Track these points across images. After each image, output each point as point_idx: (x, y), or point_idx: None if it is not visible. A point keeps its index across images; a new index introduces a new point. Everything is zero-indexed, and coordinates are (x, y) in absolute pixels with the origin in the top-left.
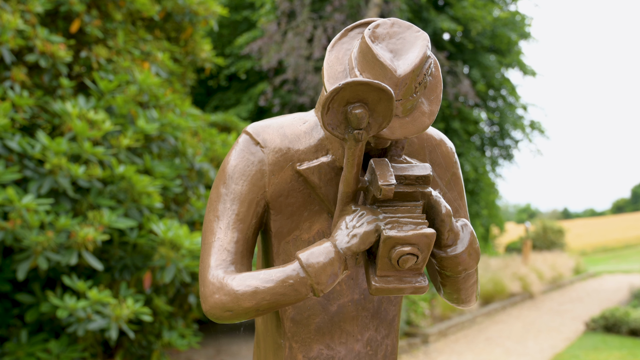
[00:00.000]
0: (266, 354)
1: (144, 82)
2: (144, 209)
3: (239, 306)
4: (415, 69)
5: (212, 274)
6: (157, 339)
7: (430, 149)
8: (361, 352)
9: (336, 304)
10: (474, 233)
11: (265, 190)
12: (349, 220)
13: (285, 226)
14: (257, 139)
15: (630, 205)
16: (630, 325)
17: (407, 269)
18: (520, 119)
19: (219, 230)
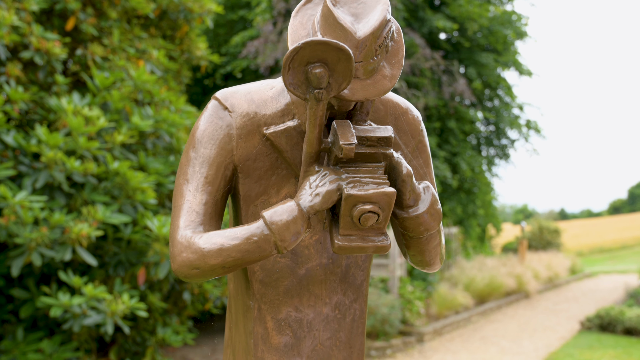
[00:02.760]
0: (237, 317)
1: (139, 79)
2: (138, 205)
3: (205, 263)
4: (374, 31)
5: (180, 234)
6: (151, 335)
7: (395, 116)
8: (329, 315)
9: (304, 268)
10: (436, 195)
11: (234, 154)
12: (312, 180)
13: (254, 190)
14: (226, 104)
15: (627, 206)
16: (625, 325)
17: (369, 227)
18: (517, 118)
19: (188, 193)
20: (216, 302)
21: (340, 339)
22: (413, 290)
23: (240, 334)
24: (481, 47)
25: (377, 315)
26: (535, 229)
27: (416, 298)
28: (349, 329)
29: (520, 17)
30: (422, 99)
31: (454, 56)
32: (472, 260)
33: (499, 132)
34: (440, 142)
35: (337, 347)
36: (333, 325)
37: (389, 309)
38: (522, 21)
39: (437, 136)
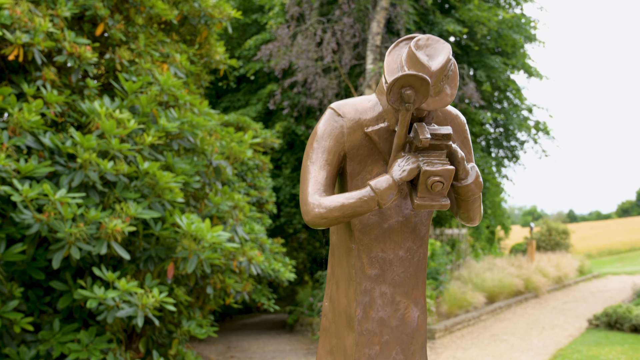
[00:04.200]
0: (340, 257)
1: (165, 83)
2: (166, 203)
3: (331, 215)
4: (442, 67)
5: (311, 197)
6: (176, 328)
7: (450, 119)
8: (403, 256)
9: (387, 223)
10: (478, 172)
11: (345, 145)
12: (400, 161)
13: (356, 169)
14: (339, 111)
15: (636, 208)
16: (632, 322)
17: (437, 192)
18: (526, 120)
19: (313, 170)
20: (236, 296)
21: (410, 272)
22: None
23: (344, 268)
24: (490, 50)
25: None
26: (544, 230)
27: (427, 296)
28: (416, 266)
29: (529, 21)
30: None
31: (463, 59)
32: (482, 260)
33: (508, 134)
34: None
35: (408, 278)
36: (405, 262)
37: None
38: (531, 24)
39: None
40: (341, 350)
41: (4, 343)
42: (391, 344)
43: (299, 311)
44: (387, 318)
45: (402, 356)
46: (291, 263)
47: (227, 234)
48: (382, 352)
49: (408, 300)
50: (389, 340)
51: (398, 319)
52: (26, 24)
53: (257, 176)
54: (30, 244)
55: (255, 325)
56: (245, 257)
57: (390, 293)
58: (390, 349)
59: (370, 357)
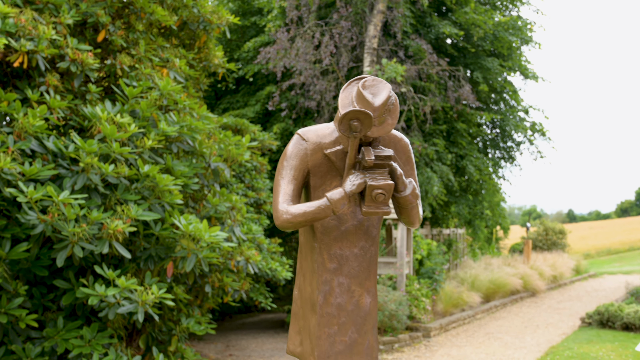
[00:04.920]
0: (306, 254)
1: (165, 88)
2: (165, 204)
3: (296, 219)
4: (383, 103)
5: (281, 205)
6: (176, 325)
7: (394, 142)
8: (357, 253)
9: (345, 226)
10: (415, 185)
11: (308, 164)
12: (351, 177)
13: (318, 183)
14: (304, 136)
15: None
16: (623, 320)
17: (380, 202)
18: (522, 121)
19: (283, 184)
20: (234, 295)
21: (363, 266)
22: (420, 288)
23: (309, 262)
24: (487, 52)
25: (385, 311)
26: (540, 230)
27: (423, 295)
28: (368, 261)
29: (525, 23)
30: (428, 103)
31: (460, 61)
32: (479, 260)
33: (505, 135)
34: (448, 144)
35: (362, 271)
36: (359, 258)
37: (397, 305)
38: (527, 27)
39: (443, 139)
40: (307, 330)
41: (10, 340)
42: (347, 324)
43: None
44: (344, 303)
45: (357, 335)
46: (288, 262)
47: (224, 234)
48: (339, 331)
49: (362, 289)
50: (345, 322)
51: (353, 304)
52: (30, 31)
53: (255, 177)
54: (35, 244)
55: (254, 325)
56: (243, 256)
57: (346, 283)
58: (346, 328)
59: (330, 335)
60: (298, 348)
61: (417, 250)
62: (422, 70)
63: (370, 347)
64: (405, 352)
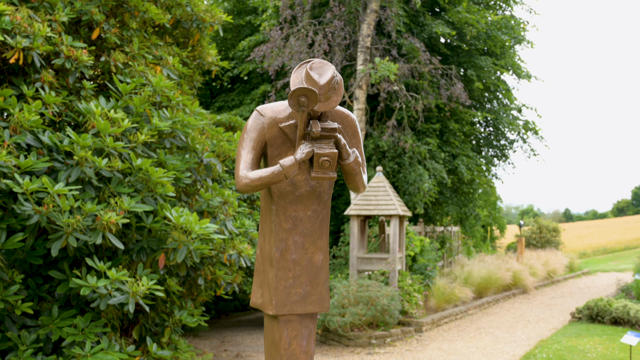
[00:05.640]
0: (265, 217)
1: (158, 85)
2: (158, 197)
3: (253, 183)
4: (328, 82)
5: (241, 171)
6: (169, 317)
7: (342, 118)
8: (310, 215)
9: (298, 191)
10: (358, 155)
11: (265, 136)
12: (302, 147)
13: (274, 153)
14: (262, 112)
15: (631, 207)
16: (612, 315)
17: (326, 168)
18: (515, 119)
19: (243, 154)
20: (227, 288)
21: (315, 227)
22: (412, 283)
23: (268, 224)
24: (480, 50)
25: (377, 306)
26: (534, 228)
27: (415, 291)
28: (320, 223)
29: (518, 23)
30: (420, 101)
31: (453, 59)
32: (473, 258)
33: (498, 134)
34: (441, 143)
35: (314, 231)
36: (312, 220)
37: (389, 300)
38: (520, 26)
39: (437, 137)
40: (266, 283)
41: (6, 327)
42: (302, 277)
43: None
44: (299, 259)
45: (310, 287)
46: None
47: (214, 226)
48: (294, 283)
49: (314, 247)
50: (299, 275)
51: (307, 260)
52: (26, 29)
53: None
54: (30, 234)
55: (249, 322)
56: (235, 250)
57: (301, 241)
58: (301, 281)
59: (286, 287)
60: (259, 300)
61: (410, 246)
62: (415, 69)
63: (322, 297)
64: (397, 346)
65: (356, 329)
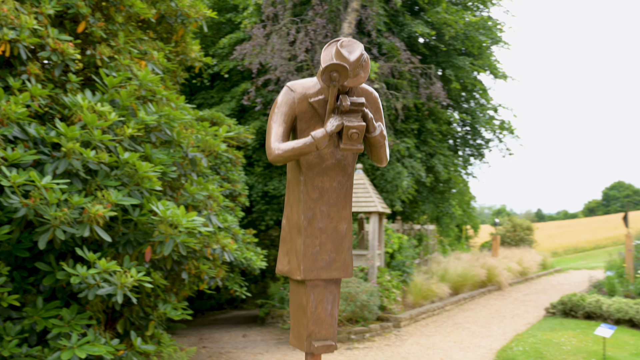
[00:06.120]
0: (293, 188)
1: (145, 78)
2: (144, 191)
3: (286, 154)
4: (357, 59)
5: (273, 143)
6: (153, 311)
7: (366, 95)
8: (336, 186)
9: (325, 163)
10: (383, 128)
11: (295, 110)
12: (331, 120)
13: (303, 127)
14: (292, 88)
15: (601, 207)
16: (585, 309)
17: (354, 140)
18: (491, 119)
19: (275, 127)
20: (210, 282)
21: (340, 197)
22: (391, 279)
23: (296, 194)
24: (458, 51)
25: (356, 302)
26: (509, 226)
27: (393, 287)
28: (344, 194)
29: (496, 24)
30: (400, 100)
31: (432, 59)
32: (448, 255)
33: (475, 133)
34: (419, 143)
35: (339, 201)
36: (337, 191)
37: (368, 296)
38: (497, 27)
39: (414, 137)
40: (294, 250)
41: None
42: (327, 245)
43: (270, 304)
44: (325, 227)
45: (335, 254)
46: (262, 253)
47: (201, 219)
48: (321, 250)
49: (339, 216)
50: (325, 242)
51: (332, 228)
52: (12, 21)
53: (231, 170)
54: (17, 227)
55: (226, 320)
56: (219, 244)
57: (326, 211)
58: (327, 248)
59: (313, 253)
60: (286, 267)
61: (389, 243)
62: (395, 68)
63: (346, 264)
64: (376, 341)
65: None
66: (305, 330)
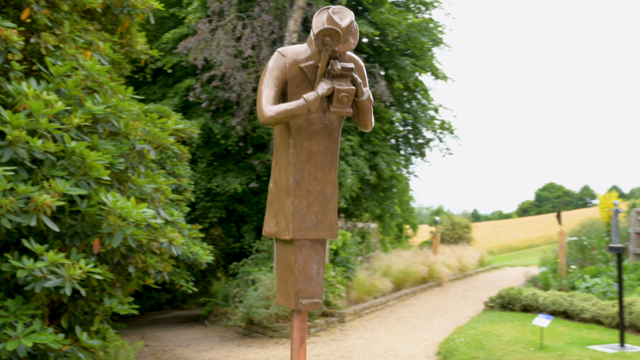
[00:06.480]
0: (282, 151)
1: (92, 68)
2: (92, 182)
3: (278, 115)
4: (348, 25)
5: (265, 106)
6: (98, 305)
7: (354, 62)
8: (323, 150)
9: (312, 128)
10: (369, 93)
11: (286, 75)
12: (322, 84)
13: (294, 91)
14: (283, 53)
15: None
16: (522, 302)
17: (344, 103)
18: (432, 119)
19: (266, 90)
20: (157, 277)
21: (327, 160)
22: (335, 275)
23: (284, 157)
24: (400, 51)
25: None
26: (448, 225)
27: (338, 282)
28: (331, 157)
29: (437, 25)
30: None
31: (375, 59)
32: (390, 253)
33: (416, 132)
34: (362, 141)
35: (326, 164)
36: (324, 154)
37: None
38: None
39: (358, 135)
40: (282, 211)
41: None
42: (314, 206)
43: (213, 302)
44: (312, 189)
45: (321, 215)
46: (209, 248)
47: (151, 211)
48: (308, 210)
49: (326, 179)
50: (313, 203)
51: (319, 190)
52: None
53: (176, 164)
54: None
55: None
56: (166, 238)
57: (314, 173)
58: (314, 209)
59: (301, 214)
60: (274, 228)
61: (333, 240)
62: None
63: (332, 225)
64: (321, 336)
65: (281, 320)
66: (293, 289)
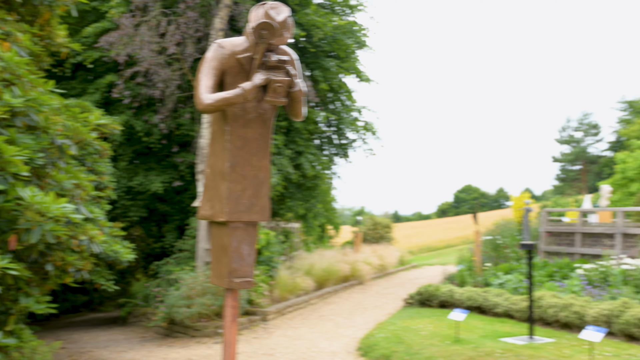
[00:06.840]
0: (218, 138)
1: (11, 60)
2: (9, 177)
3: (217, 102)
4: (284, 20)
5: (202, 94)
6: (14, 305)
7: (288, 55)
8: (257, 137)
9: (248, 116)
10: (302, 85)
11: (224, 65)
12: (258, 74)
13: (231, 81)
14: (221, 45)
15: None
16: (439, 299)
17: (278, 93)
18: (355, 120)
19: (204, 79)
20: (76, 275)
21: (260, 147)
22: (258, 274)
23: (220, 143)
24: (325, 53)
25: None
26: (369, 224)
27: (261, 281)
28: (264, 144)
29: (361, 28)
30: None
31: (301, 60)
32: (313, 252)
33: (340, 133)
34: (287, 141)
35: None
36: (258, 142)
37: None
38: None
39: (283, 135)
40: (217, 195)
41: None
42: (248, 190)
43: (132, 303)
44: (246, 174)
45: (255, 199)
46: (131, 246)
47: (72, 206)
48: (242, 194)
49: (259, 165)
50: (246, 187)
51: (253, 176)
52: None
53: (97, 161)
54: None
55: (84, 322)
56: (87, 235)
57: (248, 159)
58: (248, 194)
59: (236, 197)
60: (209, 212)
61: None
62: None
63: (264, 208)
64: (244, 334)
65: (203, 319)
66: (227, 268)
